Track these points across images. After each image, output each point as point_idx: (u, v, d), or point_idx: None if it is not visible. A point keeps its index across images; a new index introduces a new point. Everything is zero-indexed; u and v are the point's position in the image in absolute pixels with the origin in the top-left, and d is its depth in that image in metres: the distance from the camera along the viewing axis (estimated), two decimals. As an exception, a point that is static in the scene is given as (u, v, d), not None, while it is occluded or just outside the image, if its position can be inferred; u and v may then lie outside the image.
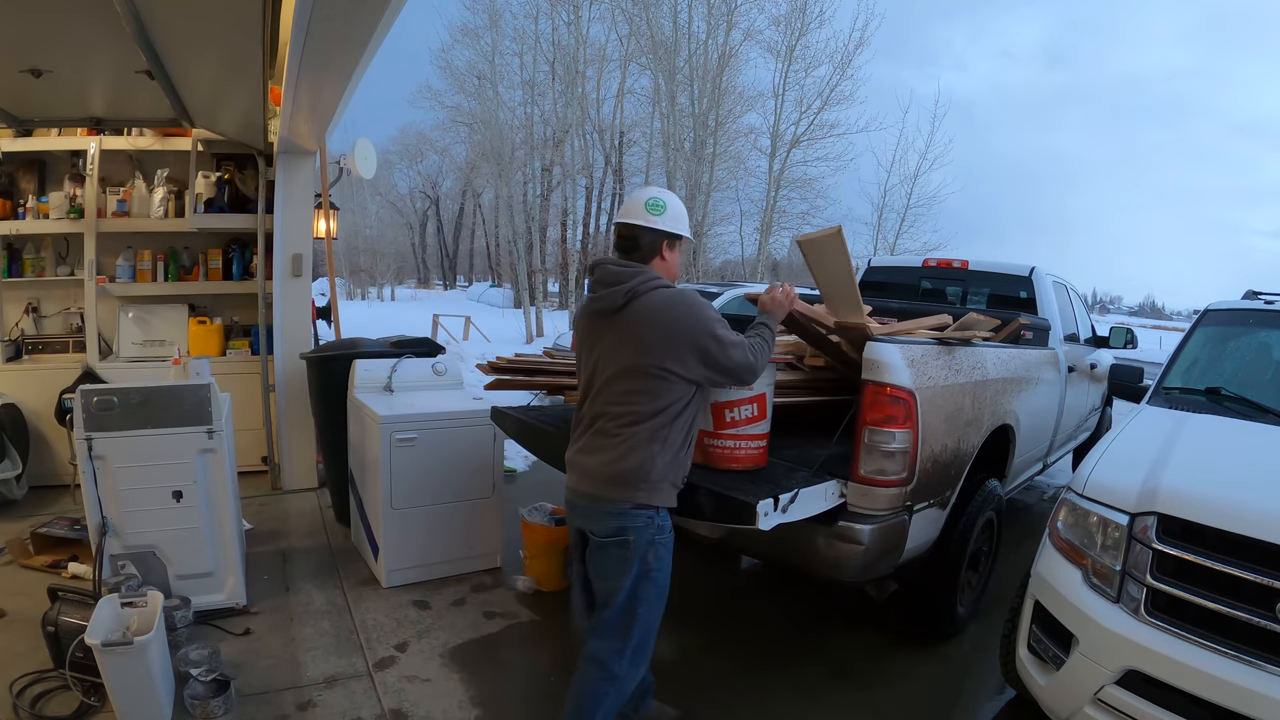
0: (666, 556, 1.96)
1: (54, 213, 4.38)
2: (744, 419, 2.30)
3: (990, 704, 2.67)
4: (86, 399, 2.68)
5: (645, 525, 1.89)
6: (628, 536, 1.89)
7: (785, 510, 2.10)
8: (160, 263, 4.61)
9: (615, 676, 1.94)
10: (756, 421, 2.32)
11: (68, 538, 3.39)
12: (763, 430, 2.35)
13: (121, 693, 2.12)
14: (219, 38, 2.76)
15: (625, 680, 1.96)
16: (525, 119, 19.76)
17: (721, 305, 7.14)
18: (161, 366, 4.13)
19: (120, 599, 2.36)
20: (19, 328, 4.57)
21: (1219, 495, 1.95)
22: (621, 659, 1.94)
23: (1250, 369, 3.08)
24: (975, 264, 4.88)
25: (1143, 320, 44.03)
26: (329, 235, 5.15)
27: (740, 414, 2.29)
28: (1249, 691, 1.66)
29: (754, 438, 2.33)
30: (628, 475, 1.88)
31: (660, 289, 1.92)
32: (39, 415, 4.22)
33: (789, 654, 2.92)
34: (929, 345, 2.61)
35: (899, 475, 2.38)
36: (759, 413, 2.32)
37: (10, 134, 4.28)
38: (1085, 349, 4.85)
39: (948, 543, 2.82)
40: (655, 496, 1.90)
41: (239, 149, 4.57)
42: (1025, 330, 3.55)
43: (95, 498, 2.72)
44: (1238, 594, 1.77)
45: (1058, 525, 2.25)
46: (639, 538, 1.89)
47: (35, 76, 3.11)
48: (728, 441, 2.30)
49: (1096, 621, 1.95)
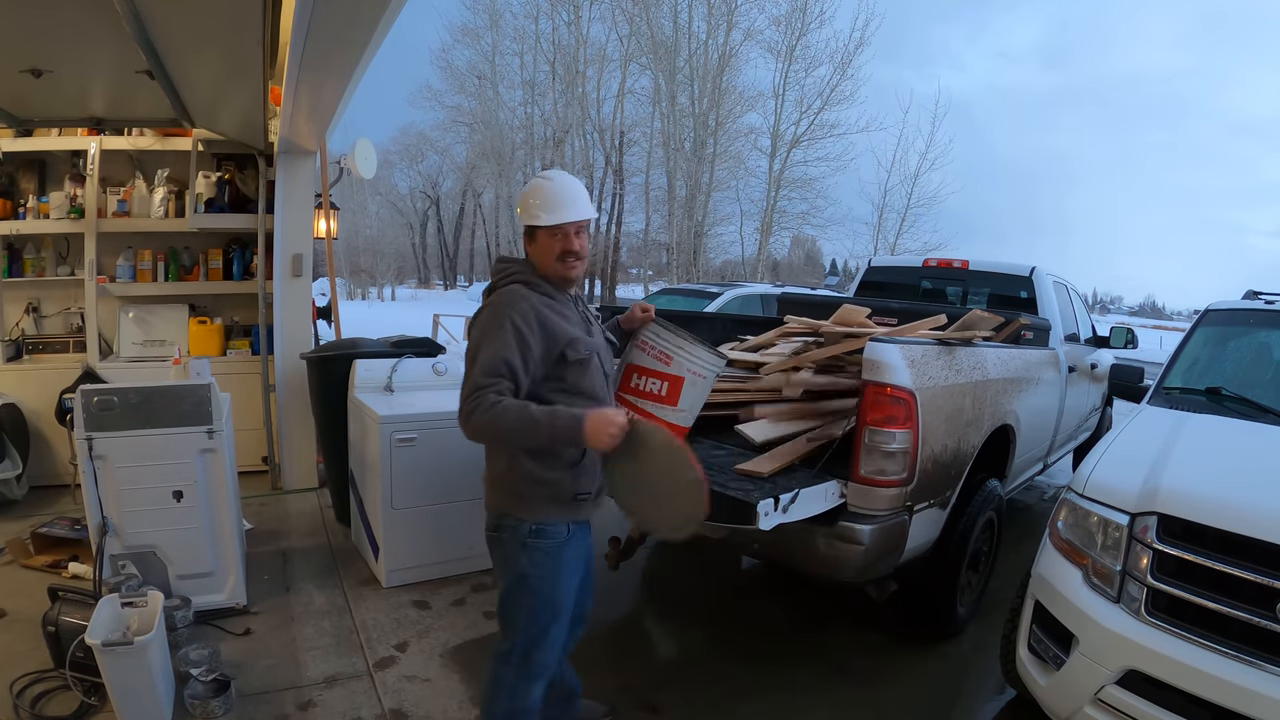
0: (548, 567, 1.81)
1: (54, 213, 4.38)
2: (647, 392, 2.09)
3: (990, 704, 2.67)
4: (86, 399, 2.68)
5: (515, 527, 1.80)
6: (500, 534, 1.83)
7: (785, 510, 2.10)
8: (160, 263, 4.61)
9: (501, 680, 1.86)
10: (660, 402, 2.09)
11: (68, 538, 3.39)
12: (665, 416, 2.08)
13: (121, 693, 2.12)
14: (219, 38, 2.76)
15: (515, 690, 1.85)
16: (525, 119, 19.79)
17: (721, 305, 7.13)
18: (162, 366, 4.13)
19: (120, 599, 2.36)
20: (19, 328, 4.57)
21: (1219, 495, 1.95)
22: (507, 664, 1.85)
23: (1250, 369, 3.08)
24: (975, 264, 4.88)
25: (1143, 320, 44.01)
26: (329, 235, 5.15)
27: (645, 385, 2.09)
28: (1249, 691, 1.66)
29: (649, 417, 2.01)
30: (493, 482, 1.84)
31: (500, 290, 1.81)
32: (39, 415, 4.22)
33: (789, 653, 2.92)
34: (929, 345, 2.61)
35: (899, 475, 2.38)
36: (667, 395, 2.09)
37: (10, 134, 4.28)
38: (1085, 349, 4.85)
39: (948, 543, 2.82)
40: (524, 508, 1.79)
41: (239, 149, 4.57)
42: (1026, 330, 3.56)
43: (95, 498, 2.72)
44: (1238, 594, 1.77)
45: (1058, 525, 2.25)
46: (510, 537, 1.81)
47: (35, 76, 3.11)
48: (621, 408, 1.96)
49: (1097, 621, 1.95)
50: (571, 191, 1.82)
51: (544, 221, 1.79)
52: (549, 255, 1.81)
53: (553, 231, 1.80)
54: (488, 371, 1.67)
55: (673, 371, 2.09)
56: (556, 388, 1.78)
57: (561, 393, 1.78)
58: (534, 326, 1.72)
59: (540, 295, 1.79)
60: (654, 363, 2.08)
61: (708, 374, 2.16)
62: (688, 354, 2.10)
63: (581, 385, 1.80)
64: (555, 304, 1.81)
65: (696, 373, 2.12)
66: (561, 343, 1.76)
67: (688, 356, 2.10)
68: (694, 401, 2.16)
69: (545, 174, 1.87)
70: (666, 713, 2.47)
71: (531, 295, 1.77)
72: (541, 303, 1.77)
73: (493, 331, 1.71)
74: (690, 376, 2.11)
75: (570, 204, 1.80)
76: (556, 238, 1.80)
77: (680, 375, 2.09)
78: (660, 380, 2.08)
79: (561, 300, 1.84)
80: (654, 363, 2.08)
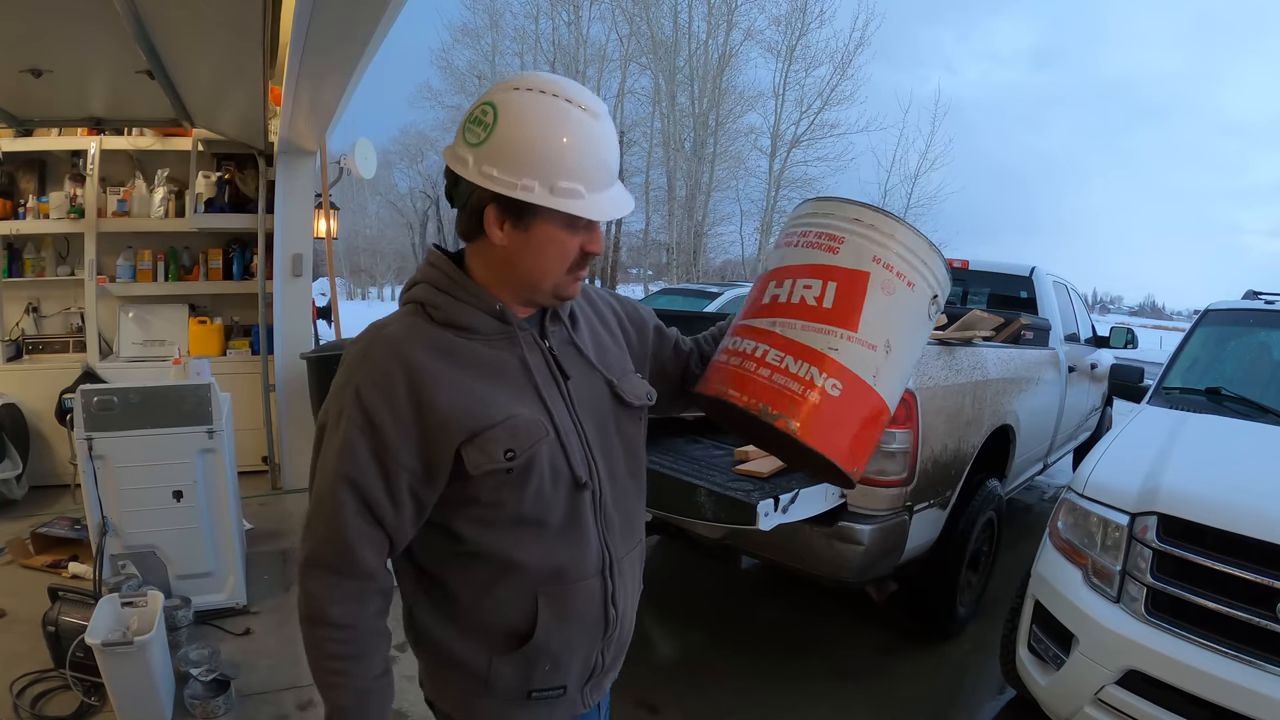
0: None
1: (54, 213, 4.38)
2: (789, 304, 1.08)
3: (990, 704, 2.67)
4: (86, 399, 2.68)
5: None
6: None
7: (785, 510, 2.10)
8: (160, 263, 4.61)
9: None
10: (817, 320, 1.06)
11: (68, 538, 3.39)
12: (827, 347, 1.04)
13: (121, 693, 2.12)
14: (219, 38, 2.75)
15: None
16: (525, 119, 19.81)
17: (721, 305, 7.10)
18: (161, 366, 4.13)
19: (120, 599, 2.36)
20: (19, 328, 4.56)
21: (1219, 495, 1.95)
22: None
23: (1250, 369, 3.08)
24: (975, 264, 4.89)
25: (1143, 320, 44.00)
26: (329, 235, 5.14)
27: (791, 293, 1.09)
28: (1249, 691, 1.66)
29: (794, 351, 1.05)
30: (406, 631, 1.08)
31: (371, 331, 0.96)
32: (39, 415, 4.22)
33: (789, 653, 2.92)
34: (929, 345, 2.62)
35: (899, 475, 2.38)
36: (835, 306, 1.06)
37: (10, 134, 4.28)
38: (1085, 349, 4.85)
39: (948, 543, 2.82)
40: (446, 700, 1.06)
41: (239, 149, 4.57)
42: (1026, 330, 3.56)
43: (95, 498, 2.72)
44: (1238, 594, 1.77)
45: (1058, 525, 2.25)
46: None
47: (35, 76, 3.11)
48: (746, 342, 1.09)
49: (1097, 621, 1.95)
50: (615, 149, 0.96)
51: (578, 208, 0.90)
52: (546, 260, 0.94)
53: (576, 223, 0.93)
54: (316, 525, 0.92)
55: (845, 263, 1.08)
56: (471, 517, 0.95)
57: (483, 525, 0.95)
58: (399, 411, 0.89)
59: (441, 335, 0.94)
60: (807, 254, 1.11)
61: (919, 281, 1.10)
62: (879, 232, 1.09)
63: (524, 509, 0.95)
64: (472, 350, 0.95)
65: (894, 270, 1.08)
66: (456, 435, 0.90)
67: (877, 236, 1.09)
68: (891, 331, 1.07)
69: (578, 98, 0.91)
70: (666, 713, 2.47)
71: (415, 346, 0.92)
72: (433, 356, 0.92)
73: (327, 431, 0.93)
74: (882, 275, 1.07)
75: (614, 177, 0.96)
76: (579, 232, 0.94)
77: (861, 270, 1.07)
78: (819, 280, 1.08)
79: (503, 339, 0.97)
80: (807, 254, 1.11)
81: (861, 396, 1.06)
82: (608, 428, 1.05)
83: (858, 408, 1.06)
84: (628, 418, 1.08)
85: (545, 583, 0.98)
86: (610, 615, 1.03)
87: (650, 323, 1.23)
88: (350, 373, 0.93)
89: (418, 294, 0.99)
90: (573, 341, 1.05)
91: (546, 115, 0.89)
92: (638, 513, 1.12)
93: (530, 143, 0.88)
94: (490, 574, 0.97)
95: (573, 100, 0.90)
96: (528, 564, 0.97)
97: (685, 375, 1.27)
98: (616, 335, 1.15)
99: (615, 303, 1.20)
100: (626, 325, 1.18)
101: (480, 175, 0.89)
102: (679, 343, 1.28)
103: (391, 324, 0.96)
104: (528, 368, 0.98)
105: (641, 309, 1.24)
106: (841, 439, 1.05)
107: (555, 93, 0.90)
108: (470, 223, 0.95)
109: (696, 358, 1.28)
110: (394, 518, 0.93)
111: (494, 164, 0.89)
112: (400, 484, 0.91)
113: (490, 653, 0.99)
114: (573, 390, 1.01)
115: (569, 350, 1.04)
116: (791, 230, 1.19)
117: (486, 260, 0.97)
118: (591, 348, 1.07)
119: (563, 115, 0.89)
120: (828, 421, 1.03)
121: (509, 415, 0.93)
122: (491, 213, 0.92)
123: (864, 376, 1.05)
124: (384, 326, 0.96)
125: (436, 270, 0.99)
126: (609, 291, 1.25)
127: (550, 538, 0.98)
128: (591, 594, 1.01)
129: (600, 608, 1.02)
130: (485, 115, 0.90)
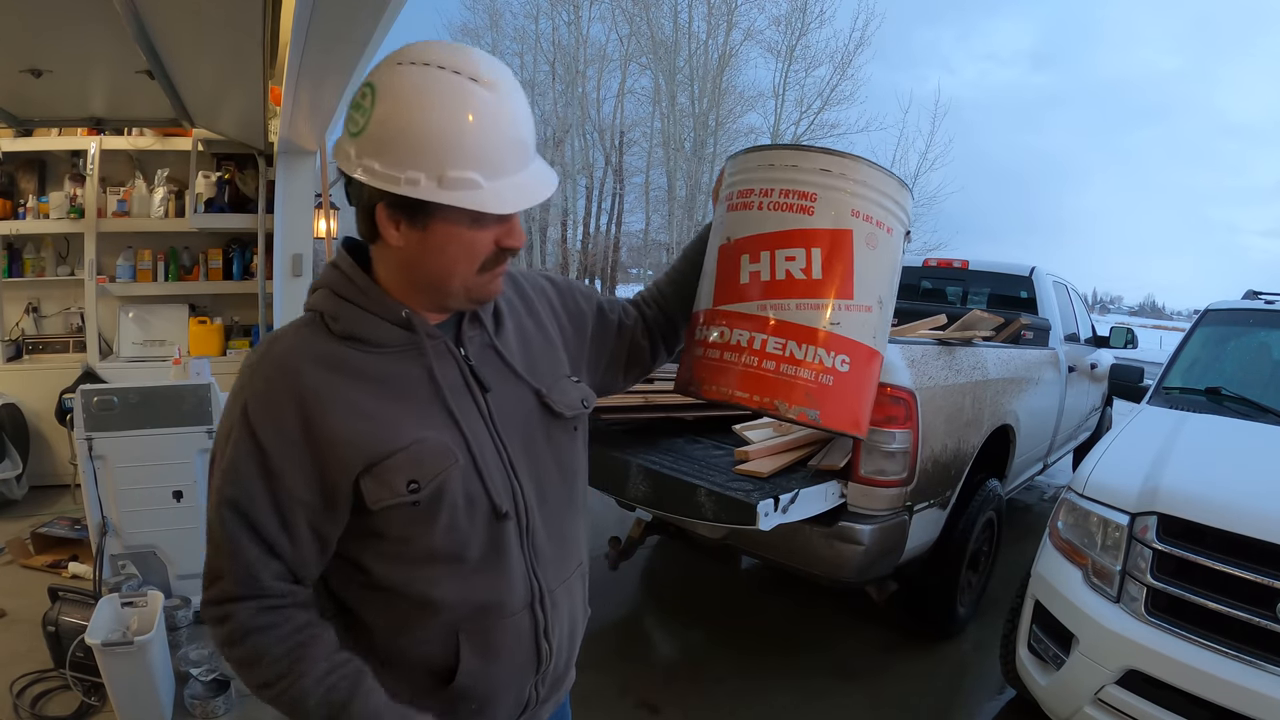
0: None
1: (54, 213, 4.38)
2: (774, 282, 0.99)
3: (990, 704, 2.67)
4: (86, 399, 2.68)
5: None
6: None
7: (785, 510, 2.10)
8: (160, 263, 4.60)
9: None
10: (810, 295, 0.98)
11: (68, 538, 3.39)
12: (830, 324, 0.98)
13: (121, 693, 2.12)
14: (219, 38, 2.75)
15: None
16: (525, 119, 19.79)
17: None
18: (161, 366, 4.12)
19: (120, 599, 2.36)
20: (19, 328, 4.56)
21: (1219, 495, 1.95)
22: None
23: (1250, 369, 3.08)
24: (975, 264, 4.89)
25: (1143, 320, 44.05)
26: (329, 235, 5.15)
27: (773, 268, 0.99)
28: (1249, 691, 1.66)
29: (791, 334, 0.98)
30: None
31: (263, 347, 0.85)
32: (39, 415, 4.22)
33: (789, 654, 2.92)
34: (929, 345, 2.62)
35: (899, 475, 2.38)
36: (825, 276, 0.98)
37: (10, 134, 4.28)
38: (1085, 349, 4.85)
39: (948, 543, 2.82)
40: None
41: (239, 149, 4.57)
42: (1026, 330, 3.56)
43: (95, 498, 2.72)
44: (1238, 594, 1.77)
45: (1058, 525, 2.25)
46: None
47: (35, 76, 3.11)
48: (738, 332, 1.01)
49: (1096, 621, 1.95)
50: (527, 124, 0.83)
51: (475, 200, 0.77)
52: (450, 262, 0.82)
53: (483, 217, 0.80)
54: (216, 559, 0.80)
55: (824, 224, 0.98)
56: (379, 552, 0.85)
57: (392, 561, 0.85)
58: (288, 438, 0.79)
59: (338, 350, 0.83)
60: (779, 218, 0.99)
61: (895, 225, 1.03)
62: (851, 180, 0.99)
63: (436, 544, 0.84)
64: (374, 366, 0.83)
65: (874, 220, 1.00)
66: (353, 465, 0.79)
67: (851, 186, 0.99)
68: (881, 285, 1.02)
69: (470, 68, 0.76)
70: (666, 713, 2.47)
71: (306, 364, 0.81)
72: (327, 375, 0.81)
73: (216, 450, 0.82)
74: (864, 229, 0.99)
75: (526, 158, 0.82)
76: (489, 226, 0.82)
77: (843, 229, 0.98)
78: (801, 249, 0.97)
79: (409, 351, 0.85)
80: (779, 218, 0.99)
81: (869, 362, 1.02)
82: (536, 444, 0.92)
83: (868, 374, 1.03)
84: (560, 429, 0.96)
85: (467, 620, 0.86)
86: (543, 650, 0.93)
87: (590, 311, 1.09)
88: (239, 387, 0.82)
89: (317, 301, 0.89)
90: (494, 346, 0.92)
91: (431, 93, 0.75)
92: (573, 535, 1.00)
93: (412, 127, 0.74)
94: (405, 611, 0.86)
95: (463, 72, 0.76)
96: (446, 601, 0.85)
97: (633, 351, 1.15)
98: (548, 330, 1.01)
99: (550, 288, 1.05)
100: (561, 317, 1.04)
101: (362, 170, 0.77)
102: (621, 320, 1.13)
103: (285, 337, 0.85)
104: (436, 383, 0.85)
105: (581, 292, 1.09)
106: (858, 409, 1.05)
107: (442, 64, 0.75)
108: (366, 224, 0.83)
109: (641, 329, 1.15)
110: (292, 552, 0.81)
111: (375, 156, 0.76)
112: (296, 517, 0.80)
113: (412, 692, 0.86)
114: (493, 404, 0.88)
115: (490, 357, 0.91)
116: (748, 187, 1.04)
117: (389, 264, 0.86)
118: (517, 352, 0.94)
119: (450, 91, 0.75)
120: (845, 399, 1.01)
121: (413, 440, 0.81)
122: (383, 212, 0.80)
123: (866, 341, 1.00)
124: (277, 340, 0.85)
125: (339, 273, 0.88)
126: (543, 274, 1.08)
127: (469, 573, 0.86)
128: (520, 630, 0.90)
129: (531, 644, 0.92)
130: (364, 99, 0.77)
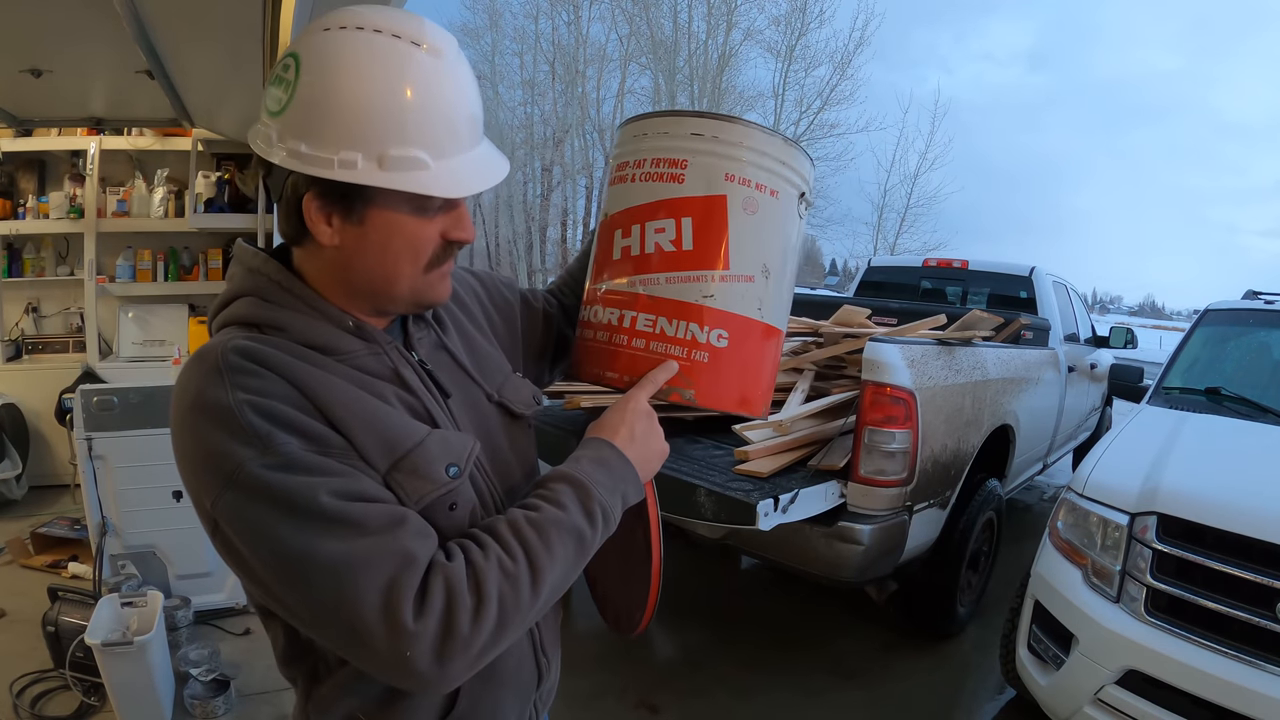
0: None
1: (54, 213, 4.38)
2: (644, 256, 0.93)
3: (990, 704, 2.68)
4: (86, 399, 2.68)
5: None
6: None
7: (785, 510, 2.10)
8: (160, 262, 4.60)
9: None
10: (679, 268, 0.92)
11: (68, 538, 3.38)
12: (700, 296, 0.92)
13: (121, 693, 2.12)
14: (219, 38, 2.75)
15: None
16: (525, 119, 19.79)
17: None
18: (161, 366, 4.13)
19: (120, 599, 2.36)
20: (19, 328, 4.56)
21: (1219, 495, 1.95)
22: None
23: (1250, 369, 3.08)
24: (975, 264, 4.89)
25: (1143, 320, 44.06)
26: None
27: (643, 242, 0.93)
28: (1249, 691, 1.66)
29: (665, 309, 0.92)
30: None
31: (205, 351, 0.70)
32: (39, 415, 4.22)
33: (789, 654, 2.92)
34: (929, 345, 2.62)
35: (899, 475, 2.38)
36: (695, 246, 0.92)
37: (10, 134, 4.28)
38: (1085, 349, 4.85)
39: (948, 543, 2.82)
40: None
41: (239, 149, 4.56)
42: (1025, 330, 3.56)
43: (95, 498, 2.72)
44: (1238, 594, 1.77)
45: (1058, 525, 2.25)
46: None
47: (35, 76, 3.11)
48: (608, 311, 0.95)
49: (1096, 621, 1.95)
50: (476, 97, 0.75)
51: (421, 183, 0.67)
52: (393, 259, 0.72)
53: (428, 204, 0.71)
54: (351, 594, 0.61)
55: (695, 191, 0.92)
56: None
57: None
58: (317, 422, 0.67)
59: (305, 353, 0.71)
60: (648, 189, 0.93)
61: (782, 186, 0.95)
62: (724, 143, 0.92)
63: None
64: (343, 372, 0.72)
65: (752, 183, 0.92)
66: (378, 462, 0.68)
67: (723, 149, 0.92)
68: (766, 253, 0.95)
69: (410, 31, 0.66)
70: (666, 713, 2.47)
71: (280, 355, 0.68)
72: (309, 367, 0.69)
73: (251, 498, 0.65)
74: (740, 193, 0.92)
75: (476, 135, 0.75)
76: (435, 215, 0.72)
77: (715, 195, 0.91)
78: (671, 219, 0.92)
79: (369, 358, 0.75)
80: (648, 189, 0.93)
81: (752, 336, 0.96)
82: (500, 449, 0.84)
83: (751, 349, 0.96)
84: (520, 430, 0.89)
85: None
86: (542, 665, 0.87)
87: (515, 302, 1.03)
88: (217, 407, 0.67)
89: (242, 312, 0.72)
90: (446, 348, 0.83)
91: (367, 59, 0.64)
92: None
93: (345, 100, 0.64)
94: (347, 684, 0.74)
95: (403, 36, 0.65)
96: None
97: (560, 342, 1.08)
98: (485, 328, 0.93)
99: (475, 282, 0.98)
100: (492, 312, 0.97)
101: (287, 154, 0.66)
102: (546, 310, 1.08)
103: (226, 340, 0.68)
104: (409, 388, 0.75)
105: (504, 283, 1.03)
106: (746, 386, 0.98)
107: (378, 28, 0.65)
108: (290, 220, 0.70)
109: (563, 318, 1.10)
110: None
111: (301, 136, 0.65)
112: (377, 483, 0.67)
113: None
114: (455, 411, 0.79)
115: (443, 359, 0.82)
116: (623, 160, 0.98)
117: (319, 266, 0.73)
118: (464, 352, 0.85)
119: (389, 56, 0.65)
120: (724, 376, 0.94)
121: (426, 432, 0.72)
122: (311, 204, 0.68)
123: (748, 314, 0.95)
124: (211, 349, 0.68)
125: (264, 279, 0.73)
126: (466, 270, 1.00)
127: None
128: (522, 649, 0.83)
129: (531, 662, 0.85)
130: (286, 72, 0.66)
